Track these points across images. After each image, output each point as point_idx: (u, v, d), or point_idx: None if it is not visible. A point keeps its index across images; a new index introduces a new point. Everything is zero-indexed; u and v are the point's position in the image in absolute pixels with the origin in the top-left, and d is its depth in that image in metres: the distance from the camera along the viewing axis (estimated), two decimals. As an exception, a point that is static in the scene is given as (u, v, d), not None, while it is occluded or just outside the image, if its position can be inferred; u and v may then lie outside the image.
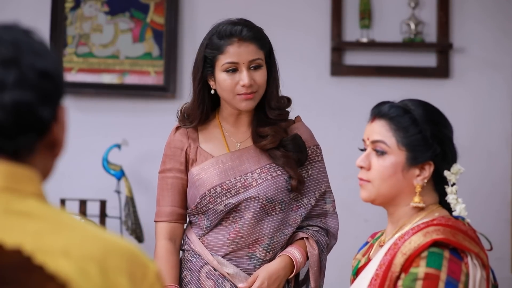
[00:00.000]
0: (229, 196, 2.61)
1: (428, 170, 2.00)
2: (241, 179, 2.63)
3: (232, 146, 2.68)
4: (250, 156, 2.66)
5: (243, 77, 2.57)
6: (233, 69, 2.58)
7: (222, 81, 2.59)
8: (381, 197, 2.03)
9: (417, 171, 2.00)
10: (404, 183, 2.01)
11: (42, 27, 4.42)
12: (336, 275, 3.71)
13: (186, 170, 2.68)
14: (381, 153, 2.02)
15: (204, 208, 2.63)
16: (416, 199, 2.00)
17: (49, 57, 1.26)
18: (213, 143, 2.69)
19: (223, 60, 2.58)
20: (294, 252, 2.64)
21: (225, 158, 2.65)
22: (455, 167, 2.01)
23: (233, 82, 2.58)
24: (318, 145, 2.75)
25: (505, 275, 4.33)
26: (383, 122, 2.03)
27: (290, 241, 2.69)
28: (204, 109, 2.66)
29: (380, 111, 2.04)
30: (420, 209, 2.02)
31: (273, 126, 2.65)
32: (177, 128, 2.71)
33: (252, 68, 2.59)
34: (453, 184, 2.01)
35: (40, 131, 1.25)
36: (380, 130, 2.03)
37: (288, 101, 2.70)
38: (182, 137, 2.68)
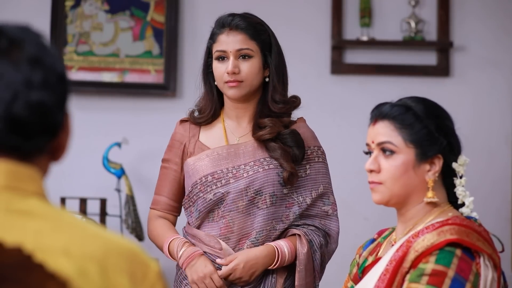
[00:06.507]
0: (219, 186, 2.64)
1: (438, 163, 2.00)
2: (233, 170, 2.65)
3: (232, 140, 2.71)
4: (247, 149, 2.68)
5: (228, 65, 2.63)
6: (222, 57, 2.66)
7: (214, 68, 2.68)
8: (395, 197, 2.01)
9: (427, 166, 2.00)
10: (416, 180, 2.00)
11: (42, 26, 4.41)
12: (335, 272, 3.71)
13: (182, 163, 2.72)
14: (389, 153, 2.01)
15: (194, 197, 2.66)
16: (430, 194, 2.00)
17: (61, 61, 1.27)
18: (213, 136, 2.73)
19: (215, 49, 2.68)
20: (281, 244, 2.63)
21: (221, 150, 2.68)
22: (462, 158, 2.03)
23: (222, 70, 2.65)
24: (320, 147, 2.75)
25: (505, 273, 4.33)
26: (386, 122, 2.02)
27: (282, 237, 2.67)
28: (213, 97, 2.71)
29: (381, 112, 2.04)
30: (432, 207, 2.02)
31: (273, 118, 2.67)
32: (181, 121, 2.77)
33: (240, 58, 2.64)
34: (461, 176, 2.02)
35: (52, 135, 1.25)
36: (385, 131, 2.02)
37: (296, 99, 2.73)
38: (183, 131, 2.74)
